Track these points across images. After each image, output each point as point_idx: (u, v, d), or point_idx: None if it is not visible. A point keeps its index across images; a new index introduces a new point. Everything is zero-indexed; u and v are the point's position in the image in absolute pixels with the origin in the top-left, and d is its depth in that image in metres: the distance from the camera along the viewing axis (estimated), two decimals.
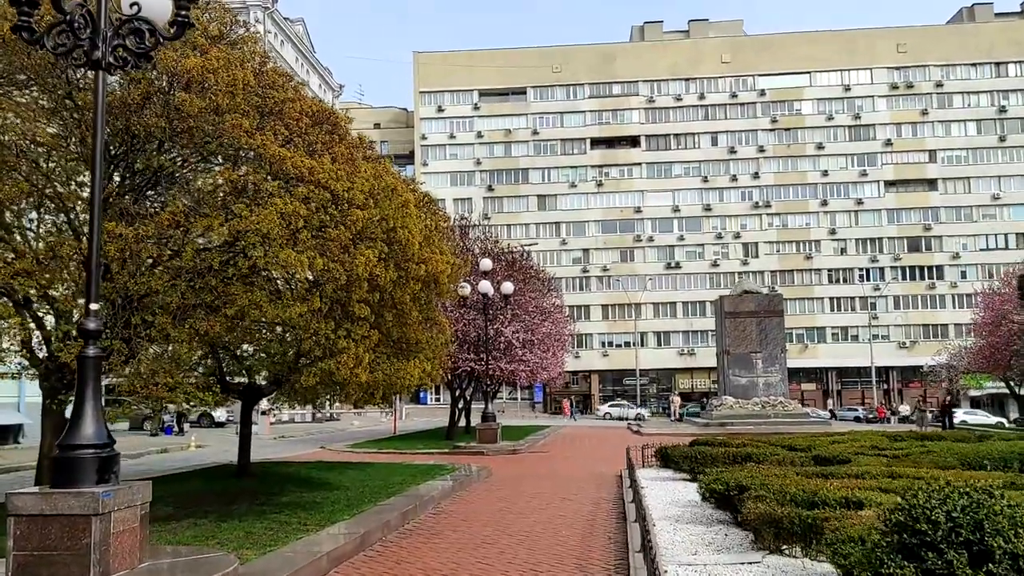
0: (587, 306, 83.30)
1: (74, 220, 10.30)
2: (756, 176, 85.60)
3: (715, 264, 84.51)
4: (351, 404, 13.42)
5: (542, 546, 10.31)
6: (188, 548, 8.90)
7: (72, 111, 10.15)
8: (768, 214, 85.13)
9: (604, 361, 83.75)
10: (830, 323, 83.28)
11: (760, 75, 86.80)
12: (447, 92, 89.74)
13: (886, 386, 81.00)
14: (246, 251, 9.04)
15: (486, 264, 27.62)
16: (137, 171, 10.99)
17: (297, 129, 10.29)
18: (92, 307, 6.98)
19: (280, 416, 47.33)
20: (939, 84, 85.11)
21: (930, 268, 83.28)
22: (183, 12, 7.20)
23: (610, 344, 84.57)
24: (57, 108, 10.82)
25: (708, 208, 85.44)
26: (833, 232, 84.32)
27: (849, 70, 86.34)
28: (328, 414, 55.04)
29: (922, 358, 76.19)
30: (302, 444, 32.26)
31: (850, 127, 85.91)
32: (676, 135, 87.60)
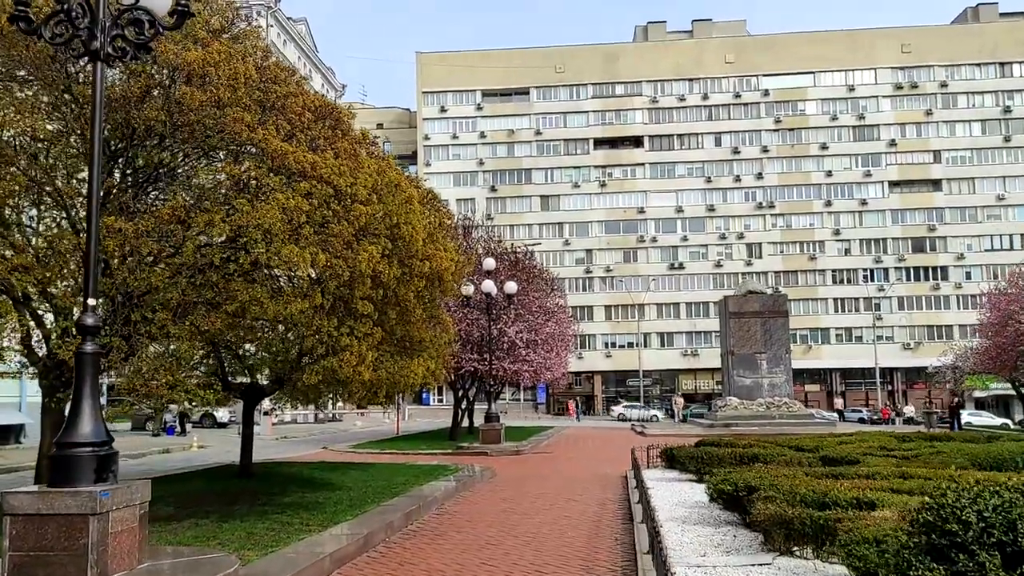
0: (590, 307, 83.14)
1: (74, 216, 10.16)
2: (760, 176, 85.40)
3: (719, 265, 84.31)
4: (354, 403, 13.29)
5: (548, 547, 10.16)
6: (189, 549, 8.76)
7: (71, 104, 10.02)
8: (772, 215, 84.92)
9: (607, 362, 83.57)
10: (834, 324, 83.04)
11: (764, 75, 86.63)
12: (450, 92, 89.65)
13: (890, 387, 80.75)
14: (248, 247, 8.89)
15: (489, 263, 27.48)
16: (138, 168, 10.86)
17: (299, 124, 10.15)
18: (90, 302, 6.85)
19: (282, 417, 47.19)
20: (943, 84, 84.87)
21: (934, 269, 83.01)
22: (183, 2, 7.06)
23: (613, 345, 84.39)
24: (57, 103, 10.69)
25: (712, 209, 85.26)
26: (837, 233, 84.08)
27: (853, 70, 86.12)
28: (330, 415, 54.94)
29: (926, 359, 75.86)
30: (304, 444, 32.11)
31: (854, 127, 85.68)
32: (679, 135, 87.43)
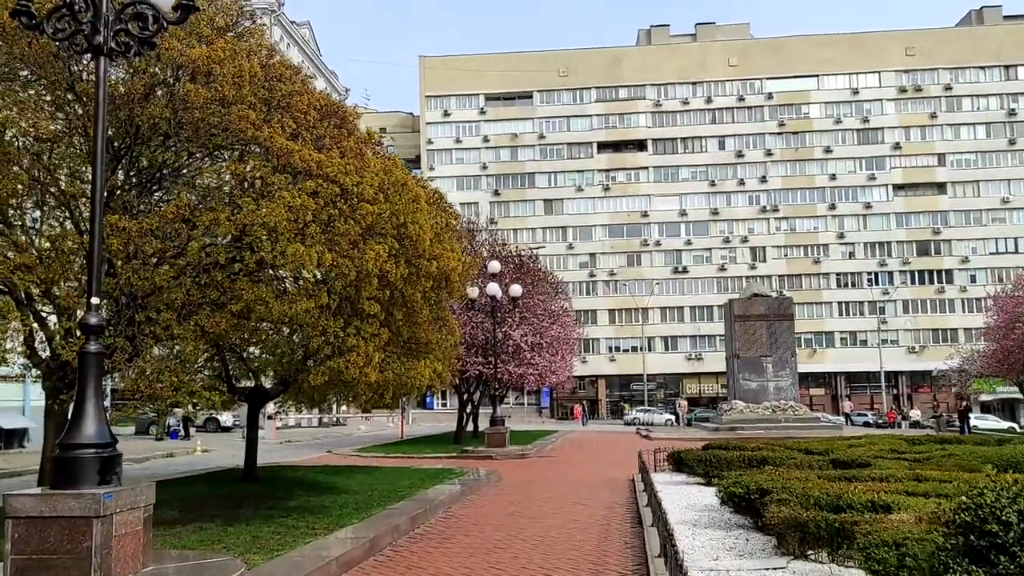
0: (594, 311, 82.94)
1: (77, 216, 10.05)
2: (764, 180, 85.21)
3: (722, 268, 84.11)
4: (360, 405, 13.13)
5: (557, 551, 10.01)
6: (193, 552, 8.64)
7: (74, 103, 9.91)
8: (776, 218, 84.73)
9: (611, 366, 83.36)
10: (838, 328, 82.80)
11: (767, 78, 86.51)
12: (453, 96, 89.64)
13: (895, 391, 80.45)
14: (253, 246, 8.77)
15: (494, 266, 27.34)
16: (142, 168, 10.76)
17: (305, 123, 10.04)
18: (93, 301, 6.73)
19: (286, 420, 47.07)
20: (948, 87, 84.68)
21: (939, 272, 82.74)
22: None
23: (617, 349, 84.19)
24: (60, 103, 10.60)
25: (715, 212, 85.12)
26: (841, 236, 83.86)
27: (857, 73, 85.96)
28: (334, 419, 54.84)
29: (931, 363, 75.63)
30: (308, 448, 31.98)
31: (858, 130, 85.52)
32: (683, 139, 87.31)
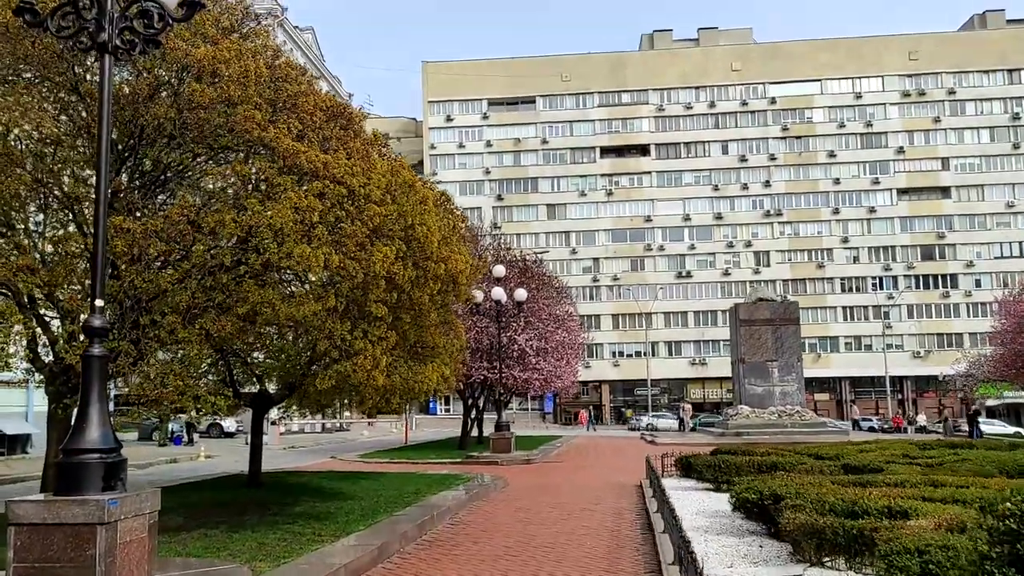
0: (597, 316, 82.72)
1: (80, 217, 9.92)
2: (767, 184, 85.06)
3: (726, 273, 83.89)
4: (366, 410, 12.97)
5: (568, 558, 9.85)
6: (199, 560, 8.49)
7: (78, 104, 9.80)
8: (780, 222, 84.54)
9: (615, 371, 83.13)
10: (843, 332, 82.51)
11: (770, 83, 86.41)
12: (456, 101, 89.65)
13: (900, 396, 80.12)
14: (259, 247, 8.63)
15: (499, 270, 27.20)
16: (145, 171, 10.64)
17: (311, 123, 9.92)
18: (97, 303, 6.60)
19: (289, 426, 46.92)
20: (951, 91, 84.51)
21: (944, 277, 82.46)
22: None
23: (621, 354, 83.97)
24: (64, 106, 10.49)
25: (719, 217, 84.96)
26: (845, 240, 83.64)
27: (860, 78, 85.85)
28: (338, 424, 54.63)
29: (936, 367, 75.35)
30: (312, 454, 31.83)
31: (862, 135, 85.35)
32: (686, 143, 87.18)
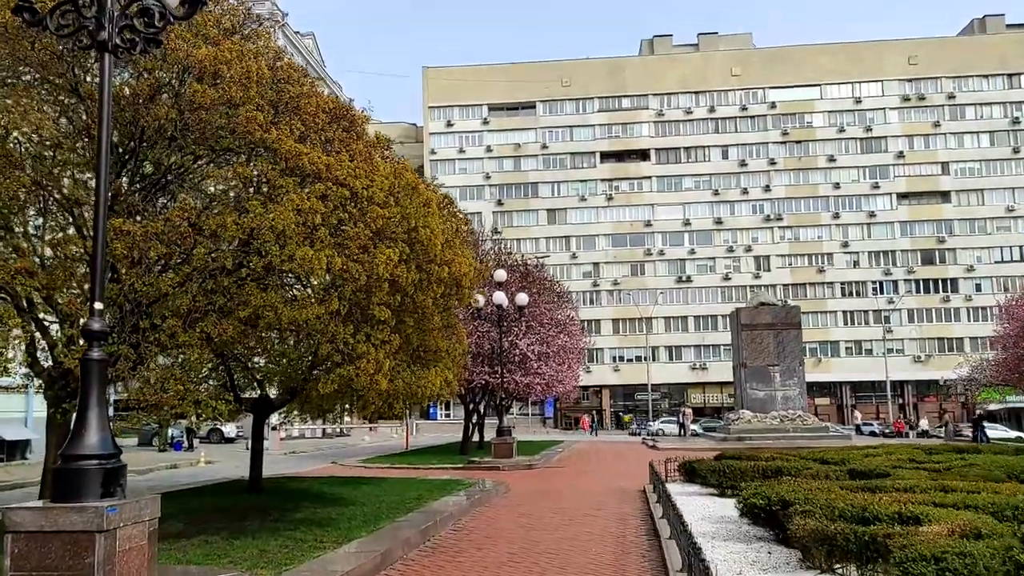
0: (598, 320, 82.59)
1: (80, 220, 9.80)
2: (767, 189, 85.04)
3: (727, 278, 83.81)
4: (368, 415, 12.85)
5: (573, 565, 9.72)
6: (199, 568, 8.37)
7: (78, 106, 9.68)
8: (780, 227, 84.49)
9: (615, 376, 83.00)
10: (844, 337, 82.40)
11: (770, 88, 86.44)
12: (456, 107, 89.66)
13: (901, 400, 79.98)
14: (261, 250, 8.51)
15: (500, 275, 27.08)
16: (146, 175, 10.53)
17: (313, 125, 9.81)
18: (96, 306, 6.48)
19: (290, 432, 46.79)
20: (951, 96, 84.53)
21: (944, 281, 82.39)
22: None
23: (621, 359, 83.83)
24: (64, 109, 10.39)
25: (719, 221, 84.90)
26: (846, 245, 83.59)
27: (860, 82, 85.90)
28: (338, 429, 54.47)
29: (937, 372, 75.23)
30: (313, 459, 31.68)
31: (861, 139, 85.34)
32: (686, 148, 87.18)
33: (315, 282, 10.07)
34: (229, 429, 43.98)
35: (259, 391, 15.85)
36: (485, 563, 9.85)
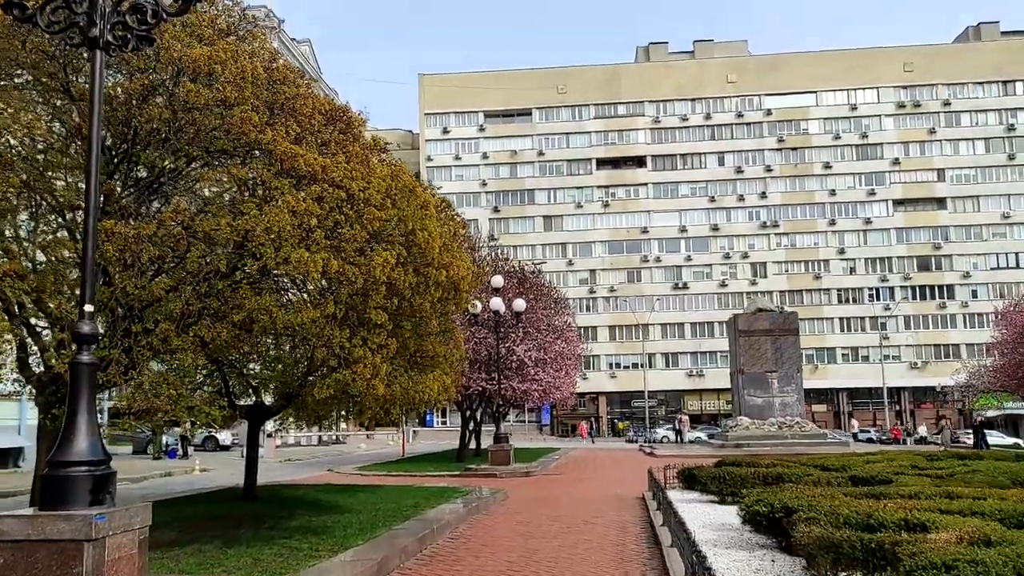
0: (594, 327, 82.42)
1: (71, 222, 9.64)
2: (763, 196, 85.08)
3: (723, 284, 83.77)
4: (365, 421, 12.67)
5: (574, 574, 9.54)
6: None
7: (69, 106, 9.53)
8: (776, 234, 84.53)
9: (612, 383, 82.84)
10: (840, 343, 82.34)
11: (766, 95, 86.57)
12: (452, 114, 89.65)
13: (898, 407, 79.93)
14: (255, 252, 8.35)
15: (497, 280, 26.94)
16: (140, 178, 10.38)
17: (309, 127, 9.66)
18: (86, 308, 6.31)
19: (286, 439, 46.47)
20: (946, 103, 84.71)
21: (940, 288, 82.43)
22: None
23: (618, 365, 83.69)
24: (57, 112, 10.24)
25: (715, 228, 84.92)
26: (842, 252, 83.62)
27: (855, 89, 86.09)
28: (334, 437, 54.21)
29: (934, 378, 75.22)
30: (309, 467, 31.45)
31: (857, 146, 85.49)
32: (682, 155, 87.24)
33: (311, 286, 9.91)
34: (224, 437, 43.71)
35: (254, 397, 15.66)
36: (483, 572, 9.67)
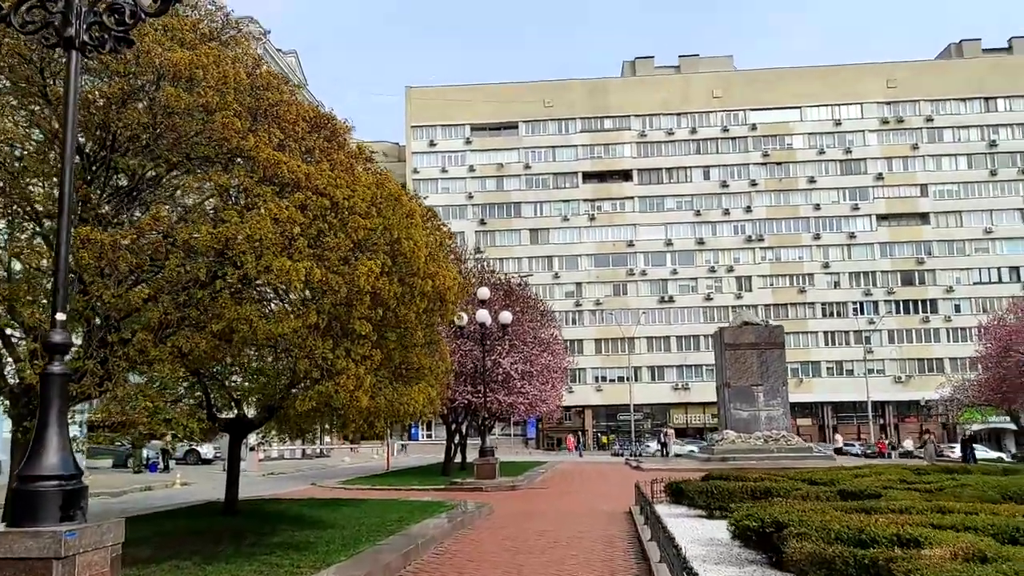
0: (580, 340, 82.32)
1: (48, 230, 9.39)
2: (748, 210, 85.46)
3: (708, 298, 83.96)
4: (349, 434, 12.42)
5: None
6: None
7: (44, 109, 9.30)
8: (761, 248, 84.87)
9: (598, 396, 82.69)
10: (825, 357, 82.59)
11: (751, 109, 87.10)
12: (439, 126, 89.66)
13: (882, 421, 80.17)
14: (236, 261, 8.14)
15: (483, 292, 26.75)
16: (119, 186, 10.16)
17: (293, 133, 9.48)
18: (58, 317, 6.09)
19: (269, 452, 45.92)
20: (929, 119, 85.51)
21: (924, 302, 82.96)
22: None
23: (603, 379, 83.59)
24: (34, 119, 10.02)
25: (701, 242, 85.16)
26: (826, 266, 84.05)
27: (839, 105, 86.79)
28: (318, 450, 53.66)
29: (918, 392, 75.59)
30: (292, 481, 31.05)
31: (841, 161, 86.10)
32: (668, 169, 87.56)
33: (293, 296, 9.70)
34: (206, 450, 43.11)
35: (236, 410, 15.39)
36: None
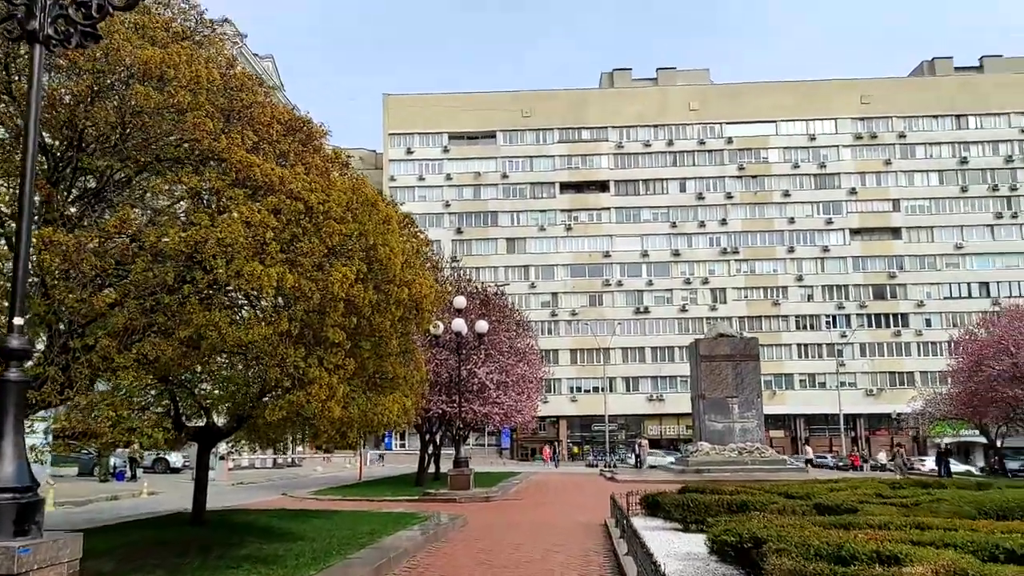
0: (556, 350, 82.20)
1: (10, 230, 9.07)
2: (724, 223, 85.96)
3: (683, 309, 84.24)
4: (321, 444, 12.13)
5: None
6: None
7: (9, 106, 8.99)
8: (736, 260, 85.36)
9: (572, 407, 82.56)
10: (798, 370, 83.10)
11: (727, 123, 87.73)
12: (416, 134, 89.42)
13: (853, 433, 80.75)
14: (206, 265, 7.88)
15: (460, 301, 26.53)
16: (87, 188, 9.86)
17: (267, 136, 9.25)
18: (16, 322, 5.83)
19: (239, 462, 45.32)
20: (902, 135, 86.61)
21: (895, 316, 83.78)
22: None
23: (579, 389, 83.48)
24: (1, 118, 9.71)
25: (677, 253, 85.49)
26: (800, 279, 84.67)
27: (814, 120, 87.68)
28: (290, 459, 53.06)
29: (889, 405, 76.30)
30: (262, 491, 30.57)
31: (815, 175, 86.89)
32: (645, 181, 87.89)
33: (264, 303, 9.44)
34: (175, 459, 42.46)
35: (205, 419, 15.04)
36: None
